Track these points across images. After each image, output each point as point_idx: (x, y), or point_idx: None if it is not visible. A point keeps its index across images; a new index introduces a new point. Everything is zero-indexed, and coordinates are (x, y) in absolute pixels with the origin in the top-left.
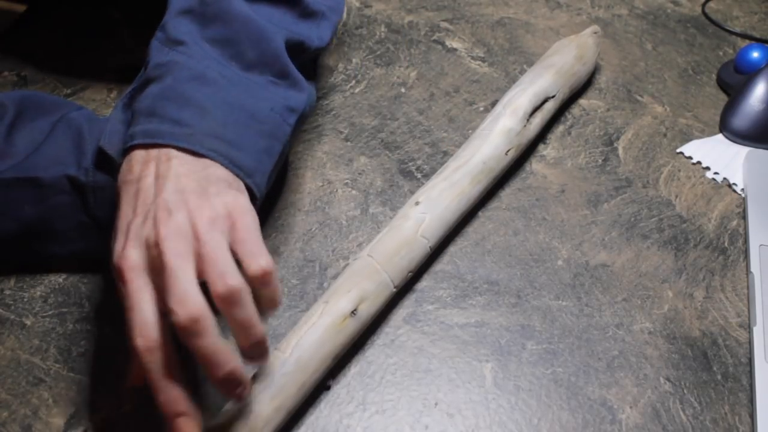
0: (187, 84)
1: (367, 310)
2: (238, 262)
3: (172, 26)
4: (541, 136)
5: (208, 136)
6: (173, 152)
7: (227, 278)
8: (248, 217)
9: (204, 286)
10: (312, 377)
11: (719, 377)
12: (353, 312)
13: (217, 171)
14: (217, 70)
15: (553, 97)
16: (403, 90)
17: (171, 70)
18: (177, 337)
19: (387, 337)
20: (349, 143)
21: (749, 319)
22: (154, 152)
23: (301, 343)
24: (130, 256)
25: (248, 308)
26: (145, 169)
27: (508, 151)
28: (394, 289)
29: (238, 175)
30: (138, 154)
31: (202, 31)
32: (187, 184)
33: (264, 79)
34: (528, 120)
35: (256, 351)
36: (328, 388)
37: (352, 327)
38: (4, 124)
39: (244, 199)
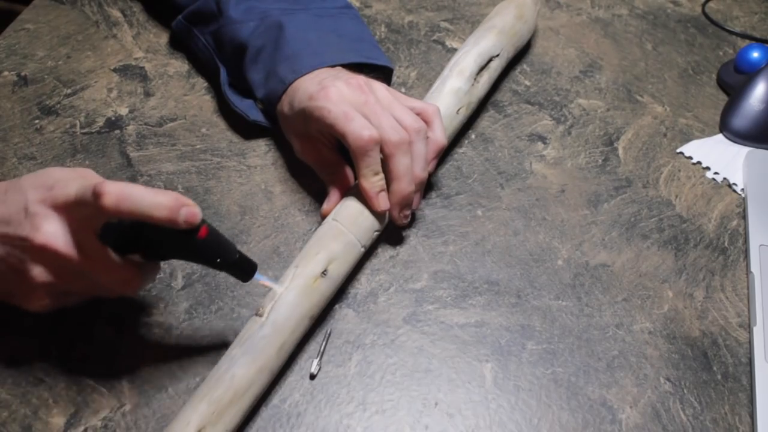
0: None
1: (338, 269)
2: None
3: None
4: (540, 136)
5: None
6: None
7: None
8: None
9: None
10: (290, 338)
11: (719, 377)
12: (323, 272)
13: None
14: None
15: (497, 56)
16: (403, 90)
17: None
18: None
19: (387, 337)
20: None
21: (749, 319)
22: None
23: (277, 307)
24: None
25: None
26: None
27: (458, 109)
28: (362, 249)
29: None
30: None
31: None
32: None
33: None
34: (475, 79)
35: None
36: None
37: (324, 287)
38: None
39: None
